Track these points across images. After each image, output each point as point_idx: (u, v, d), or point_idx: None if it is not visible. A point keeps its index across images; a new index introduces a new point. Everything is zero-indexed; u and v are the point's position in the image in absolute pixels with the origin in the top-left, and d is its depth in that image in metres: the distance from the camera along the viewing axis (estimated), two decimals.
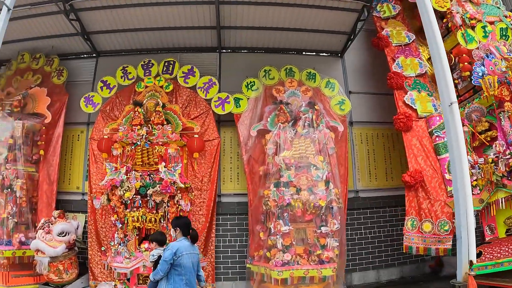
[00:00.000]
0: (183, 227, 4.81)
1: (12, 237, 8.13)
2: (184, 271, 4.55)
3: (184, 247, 4.61)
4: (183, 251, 4.57)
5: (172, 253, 4.51)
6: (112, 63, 9.03)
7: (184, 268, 4.55)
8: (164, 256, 4.56)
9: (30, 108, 8.78)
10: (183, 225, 4.86)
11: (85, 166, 8.79)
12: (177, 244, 4.59)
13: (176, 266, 4.51)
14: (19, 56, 9.46)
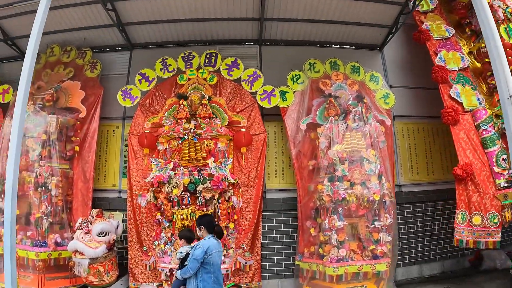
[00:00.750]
0: (207, 225, 4.63)
1: (47, 237, 7.38)
2: (213, 269, 4.40)
3: (213, 245, 4.47)
4: (213, 249, 4.42)
5: (203, 251, 4.35)
6: (147, 55, 8.37)
7: (213, 265, 4.40)
8: (195, 254, 4.38)
9: (62, 103, 8.01)
10: (207, 223, 4.67)
11: (121, 163, 8.09)
12: (207, 242, 4.43)
13: (206, 264, 4.36)
14: (48, 49, 8.67)
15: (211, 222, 4.77)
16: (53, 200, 7.43)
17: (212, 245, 4.44)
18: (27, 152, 7.66)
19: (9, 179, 5.52)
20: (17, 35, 8.80)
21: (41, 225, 7.41)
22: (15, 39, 8.91)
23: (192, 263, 4.34)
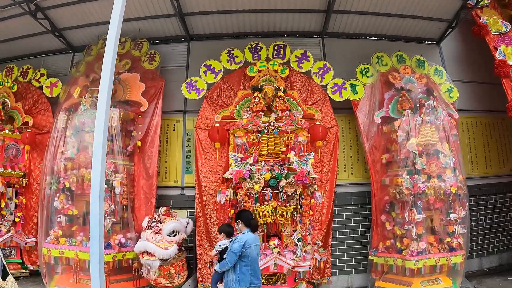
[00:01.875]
0: (244, 219, 4.50)
1: (111, 238, 6.47)
2: (250, 262, 4.27)
3: (251, 239, 4.34)
4: (251, 243, 4.29)
5: (241, 245, 4.24)
6: (207, 47, 7.63)
7: (251, 259, 4.27)
8: (233, 248, 4.27)
9: (120, 95, 7.13)
10: (244, 218, 4.54)
11: (184, 158, 7.28)
12: (245, 236, 4.31)
13: (244, 257, 4.24)
14: (100, 40, 7.74)
15: (248, 216, 4.63)
16: (117, 198, 6.54)
17: (250, 239, 4.31)
18: (85, 148, 6.74)
19: (95, 181, 4.60)
20: (64, 26, 7.83)
21: (104, 225, 6.50)
22: (63, 31, 7.93)
23: (230, 257, 4.25)
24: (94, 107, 6.87)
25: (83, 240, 6.55)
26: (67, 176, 6.71)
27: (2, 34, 8.14)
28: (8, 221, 7.48)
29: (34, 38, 8.11)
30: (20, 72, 8.19)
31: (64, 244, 6.57)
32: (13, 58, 8.77)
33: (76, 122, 6.93)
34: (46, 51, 8.50)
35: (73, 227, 6.75)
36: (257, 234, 4.53)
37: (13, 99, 7.94)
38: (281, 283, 6.19)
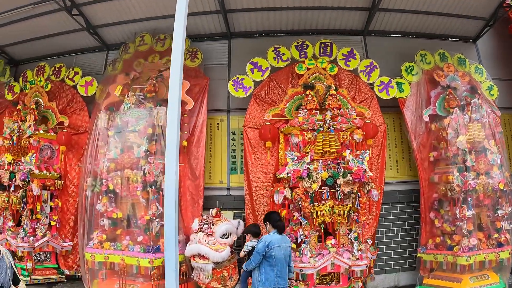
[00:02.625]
0: (272, 221, 4.39)
1: (159, 242, 5.93)
2: (275, 263, 4.13)
3: (276, 240, 4.20)
4: (275, 243, 4.16)
5: (265, 245, 4.14)
6: (248, 44, 7.18)
7: (276, 259, 4.14)
8: (257, 248, 4.20)
9: (163, 93, 6.58)
10: (271, 219, 4.42)
11: (229, 158, 6.78)
12: (270, 237, 4.21)
13: (268, 257, 4.14)
14: (138, 38, 7.18)
15: (275, 218, 4.50)
16: None
17: (275, 240, 4.18)
18: (130, 148, 6.18)
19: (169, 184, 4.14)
20: (99, 23, 7.23)
21: (152, 228, 5.97)
22: (97, 28, 7.33)
23: (254, 256, 4.17)
24: (138, 106, 6.36)
25: (129, 244, 5.99)
26: (111, 177, 6.14)
27: (33, 32, 7.51)
28: (44, 225, 6.84)
29: (68, 35, 7.51)
30: (52, 71, 7.55)
31: (109, 249, 6.02)
32: (42, 57, 8.17)
33: (119, 121, 6.37)
34: (79, 49, 7.91)
35: (117, 230, 6.19)
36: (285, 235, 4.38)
37: (47, 99, 7.31)
38: (335, 283, 5.84)
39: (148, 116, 6.25)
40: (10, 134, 7.07)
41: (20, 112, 7.12)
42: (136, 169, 6.09)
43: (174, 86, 4.28)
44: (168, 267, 4.04)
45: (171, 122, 4.19)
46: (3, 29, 7.57)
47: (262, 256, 4.11)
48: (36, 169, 6.71)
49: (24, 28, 7.49)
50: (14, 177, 6.82)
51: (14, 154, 7.04)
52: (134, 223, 6.16)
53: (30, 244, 6.61)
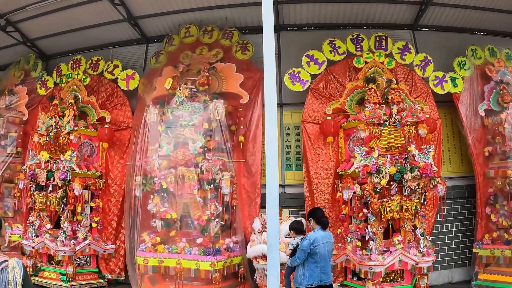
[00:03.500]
0: (316, 217, 4.16)
1: (218, 243, 5.26)
2: (319, 259, 3.94)
3: (320, 236, 3.99)
4: (320, 240, 3.96)
5: (310, 243, 3.93)
6: (297, 37, 6.59)
7: (320, 256, 3.94)
8: (302, 245, 3.99)
9: (215, 87, 5.96)
10: (315, 215, 4.19)
11: (282, 154, 6.17)
12: (315, 234, 4.01)
13: (313, 254, 3.94)
14: (183, 29, 6.46)
15: (319, 214, 4.26)
16: (226, 199, 5.31)
17: (319, 237, 3.98)
18: (185, 144, 5.47)
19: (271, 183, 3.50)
20: (140, 14, 6.45)
21: (211, 229, 5.28)
22: (138, 19, 6.53)
23: (300, 253, 3.98)
24: (192, 99, 5.64)
25: (185, 246, 5.27)
26: (164, 175, 5.42)
27: (67, 24, 6.71)
28: (85, 227, 6.02)
29: (105, 27, 6.77)
30: (89, 64, 6.73)
31: (163, 252, 5.28)
32: (75, 51, 7.41)
33: (170, 116, 5.67)
34: (115, 42, 7.17)
35: (171, 232, 5.46)
36: (328, 231, 4.19)
37: (85, 93, 6.50)
38: (399, 280, 5.36)
39: (203, 110, 5.56)
40: (46, 131, 6.23)
41: (57, 107, 6.28)
42: (192, 166, 5.39)
43: (270, 81, 3.66)
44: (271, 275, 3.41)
45: (269, 117, 3.55)
46: (33, 22, 6.74)
47: (306, 253, 3.93)
48: (77, 167, 5.89)
49: (57, 20, 6.69)
50: (52, 177, 5.98)
51: (51, 152, 6.20)
52: (189, 224, 5.45)
53: (71, 248, 5.78)
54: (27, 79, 7.15)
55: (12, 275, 1.91)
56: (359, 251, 5.18)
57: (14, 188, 6.97)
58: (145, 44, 6.97)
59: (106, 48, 7.16)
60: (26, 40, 7.23)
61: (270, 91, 3.65)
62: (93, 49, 7.23)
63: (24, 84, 7.11)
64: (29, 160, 6.30)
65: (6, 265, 1.92)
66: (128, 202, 5.89)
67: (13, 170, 6.89)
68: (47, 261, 6.29)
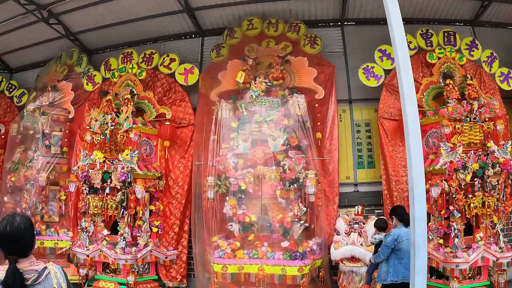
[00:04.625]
0: (398, 215, 3.99)
1: (301, 246, 4.52)
2: (403, 255, 3.72)
3: (404, 233, 3.77)
4: (403, 237, 3.75)
5: (394, 239, 3.76)
6: (361, 32, 5.90)
7: (403, 252, 3.72)
8: (386, 241, 3.81)
9: (288, 82, 5.17)
10: (397, 213, 4.03)
11: (354, 151, 5.48)
12: (398, 231, 3.84)
13: (397, 251, 3.76)
14: (245, 21, 5.69)
15: (402, 212, 4.06)
16: (311, 199, 4.57)
17: (403, 233, 3.79)
18: (263, 142, 4.74)
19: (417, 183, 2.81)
20: (198, 5, 5.63)
21: (293, 231, 4.54)
22: (195, 11, 5.70)
23: (383, 249, 3.82)
24: (268, 94, 4.87)
25: (267, 251, 4.49)
26: (241, 175, 4.63)
27: (114, 17, 5.84)
28: (146, 232, 5.12)
29: (159, 19, 5.89)
30: (142, 58, 5.84)
31: (243, 258, 4.49)
32: (121, 45, 6.46)
33: (243, 111, 4.88)
34: (167, 35, 6.25)
35: (249, 236, 4.67)
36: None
37: (141, 88, 5.59)
38: (478, 277, 4.80)
39: (281, 105, 4.81)
40: (100, 129, 5.28)
41: (111, 103, 5.34)
42: (272, 165, 4.63)
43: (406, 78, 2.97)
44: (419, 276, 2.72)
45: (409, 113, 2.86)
46: (78, 14, 5.83)
47: (390, 249, 3.76)
48: (139, 168, 4.99)
49: (103, 12, 5.81)
50: (109, 178, 5.05)
51: (105, 152, 5.26)
52: (267, 226, 4.68)
53: (133, 256, 4.88)
54: (71, 74, 6.19)
55: (56, 281, 1.72)
56: (443, 248, 4.62)
57: (59, 191, 6.00)
58: (199, 37, 6.14)
59: (157, 42, 6.27)
60: (69, 34, 6.28)
61: (408, 87, 2.98)
62: (141, 43, 6.33)
63: (68, 80, 6.14)
64: (81, 160, 5.33)
65: (49, 271, 1.71)
66: (195, 205, 5.07)
67: (59, 171, 5.92)
68: (101, 270, 5.35)
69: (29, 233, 1.67)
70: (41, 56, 6.89)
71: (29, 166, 5.79)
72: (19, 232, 1.64)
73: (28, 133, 6.04)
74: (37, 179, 5.70)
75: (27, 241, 1.67)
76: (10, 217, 1.70)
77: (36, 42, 6.56)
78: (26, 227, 1.67)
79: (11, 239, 1.64)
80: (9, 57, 7.07)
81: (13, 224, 1.64)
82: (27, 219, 1.73)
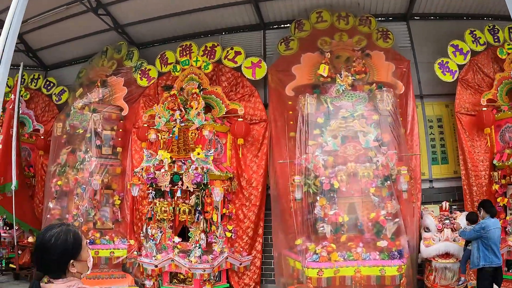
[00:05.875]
0: (486, 207, 4.13)
1: (394, 245, 4.33)
2: (490, 243, 3.96)
3: (491, 223, 4.00)
4: (491, 226, 3.98)
5: (481, 227, 3.98)
6: (427, 27, 5.71)
7: (491, 240, 3.95)
8: (475, 228, 4.04)
9: (368, 76, 4.93)
10: (485, 206, 4.15)
11: (428, 147, 5.35)
12: (486, 221, 4.03)
13: (485, 239, 3.96)
14: (314, 14, 5.41)
15: (489, 205, 4.20)
16: (403, 196, 4.40)
17: (490, 223, 3.98)
18: (354, 138, 4.50)
19: None
20: None
21: (386, 230, 4.34)
22: (260, 2, 5.40)
23: (470, 232, 4.05)
24: (354, 89, 4.67)
25: (363, 252, 4.28)
26: (333, 173, 4.36)
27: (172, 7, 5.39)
28: (221, 238, 4.71)
29: (220, 11, 5.47)
30: (203, 50, 5.39)
31: (338, 261, 4.23)
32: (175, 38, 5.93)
33: (329, 106, 4.61)
34: (224, 28, 5.81)
35: (341, 237, 4.40)
36: (496, 219, 4.14)
37: (207, 82, 5.16)
38: None
39: (368, 99, 4.61)
40: (166, 126, 4.83)
41: (176, 99, 4.90)
42: (364, 162, 4.42)
43: None
44: None
45: None
46: (128, 5, 5.32)
47: (476, 234, 3.98)
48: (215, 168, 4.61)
49: (157, 3, 5.31)
50: (180, 180, 4.63)
51: (172, 151, 4.83)
52: (357, 226, 4.46)
53: (210, 264, 4.48)
54: (122, 69, 5.60)
55: None
56: None
57: (112, 195, 5.45)
58: (260, 30, 5.77)
59: (213, 35, 5.83)
60: (117, 26, 5.72)
61: None
62: (196, 36, 5.84)
63: (119, 75, 5.59)
64: (145, 161, 4.83)
65: None
66: (276, 206, 4.75)
67: (112, 174, 5.33)
68: (169, 280, 4.89)
69: (56, 251, 1.37)
70: (80, 52, 6.23)
71: (80, 168, 5.20)
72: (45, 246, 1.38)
73: (75, 133, 5.41)
74: (90, 183, 5.16)
75: (54, 259, 1.37)
76: (50, 226, 1.46)
77: (78, 36, 5.92)
78: (56, 244, 1.38)
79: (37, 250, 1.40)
80: (44, 53, 6.38)
81: (45, 235, 1.40)
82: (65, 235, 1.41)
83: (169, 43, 5.94)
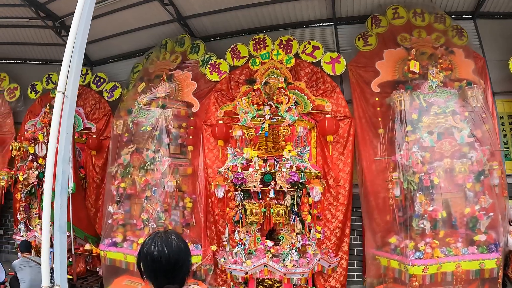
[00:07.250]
0: None
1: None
2: None
3: None
4: None
5: None
6: (496, 25, 5.97)
7: None
8: None
9: (452, 73, 5.14)
10: None
11: (501, 144, 5.57)
12: None
13: None
14: (390, 10, 5.55)
15: None
16: (496, 190, 4.61)
17: None
18: (450, 134, 4.66)
19: None
20: None
21: (480, 225, 4.53)
22: None
23: None
24: (445, 85, 4.85)
25: (462, 247, 4.42)
26: (432, 169, 4.50)
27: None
28: (314, 240, 4.68)
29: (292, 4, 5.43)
30: (278, 44, 5.35)
31: (441, 257, 4.36)
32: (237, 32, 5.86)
33: (422, 102, 4.75)
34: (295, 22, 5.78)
35: (439, 233, 4.54)
36: None
37: (290, 77, 5.11)
38: None
39: (458, 96, 4.81)
40: (253, 122, 4.73)
41: (261, 93, 4.81)
42: (459, 158, 4.60)
43: None
44: None
45: None
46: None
47: None
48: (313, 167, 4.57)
49: None
50: (272, 180, 4.55)
51: (259, 149, 4.74)
52: (452, 221, 4.62)
53: (307, 268, 4.43)
54: (188, 63, 5.42)
55: None
56: None
57: (183, 197, 5.22)
58: (332, 25, 5.83)
59: (281, 29, 5.81)
60: (179, 17, 5.53)
61: None
62: (264, 29, 5.79)
63: (185, 69, 5.40)
64: (230, 160, 4.70)
65: None
66: (365, 205, 4.82)
67: (183, 174, 5.12)
68: (255, 287, 4.78)
69: (190, 256, 1.38)
70: (130, 47, 5.98)
71: (150, 169, 4.97)
72: (179, 256, 1.32)
73: (140, 130, 5.20)
74: (162, 184, 4.93)
75: (188, 266, 1.37)
76: (163, 236, 1.37)
77: (131, 29, 5.66)
78: (186, 248, 1.37)
79: (171, 265, 1.32)
80: (91, 48, 6.03)
81: (171, 246, 1.33)
82: (182, 237, 1.40)
83: (235, 37, 5.83)
